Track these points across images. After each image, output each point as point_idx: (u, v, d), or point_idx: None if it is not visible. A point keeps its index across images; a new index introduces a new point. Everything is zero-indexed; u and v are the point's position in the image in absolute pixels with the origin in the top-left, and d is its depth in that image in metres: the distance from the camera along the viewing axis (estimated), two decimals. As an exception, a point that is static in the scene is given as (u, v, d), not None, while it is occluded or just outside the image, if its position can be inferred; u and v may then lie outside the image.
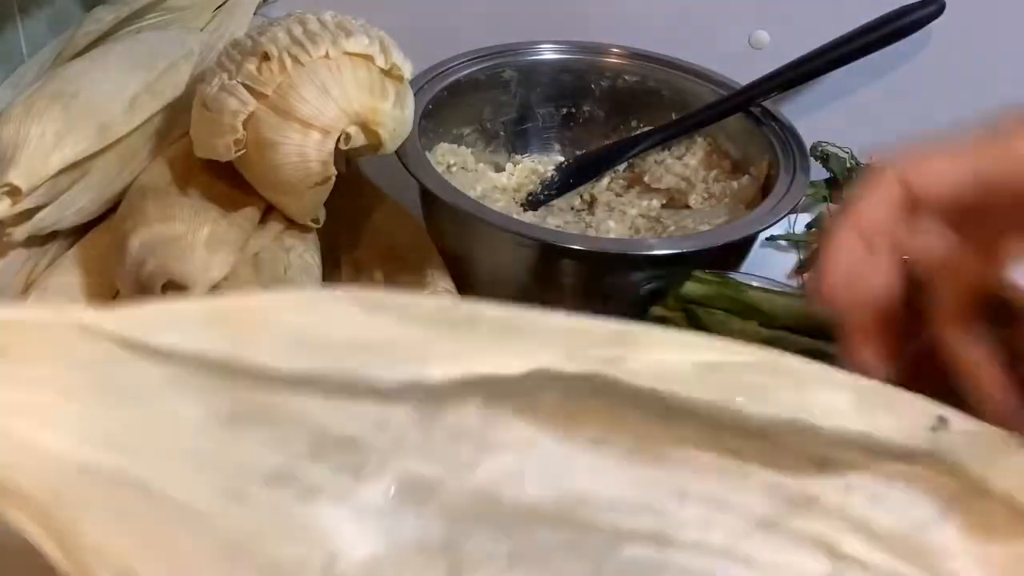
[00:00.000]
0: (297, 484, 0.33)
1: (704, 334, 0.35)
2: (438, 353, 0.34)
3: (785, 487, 0.36)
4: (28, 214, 0.57)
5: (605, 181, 0.75)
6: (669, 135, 0.74)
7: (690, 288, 0.57)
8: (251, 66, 0.55)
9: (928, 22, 0.68)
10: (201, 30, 0.72)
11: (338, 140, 0.55)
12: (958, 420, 0.34)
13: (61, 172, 0.56)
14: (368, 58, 0.57)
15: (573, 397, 0.36)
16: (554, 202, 0.74)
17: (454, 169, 0.73)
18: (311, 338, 0.34)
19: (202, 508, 0.31)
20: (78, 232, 0.62)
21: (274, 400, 0.33)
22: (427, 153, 0.67)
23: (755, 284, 0.59)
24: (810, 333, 0.56)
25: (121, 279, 0.55)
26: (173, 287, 0.53)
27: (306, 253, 0.59)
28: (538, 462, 0.35)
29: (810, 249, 0.73)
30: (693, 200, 0.72)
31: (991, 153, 0.36)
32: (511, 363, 0.34)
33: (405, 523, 0.33)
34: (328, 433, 0.34)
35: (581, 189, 0.75)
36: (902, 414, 0.35)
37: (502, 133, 0.79)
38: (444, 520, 0.34)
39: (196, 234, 0.53)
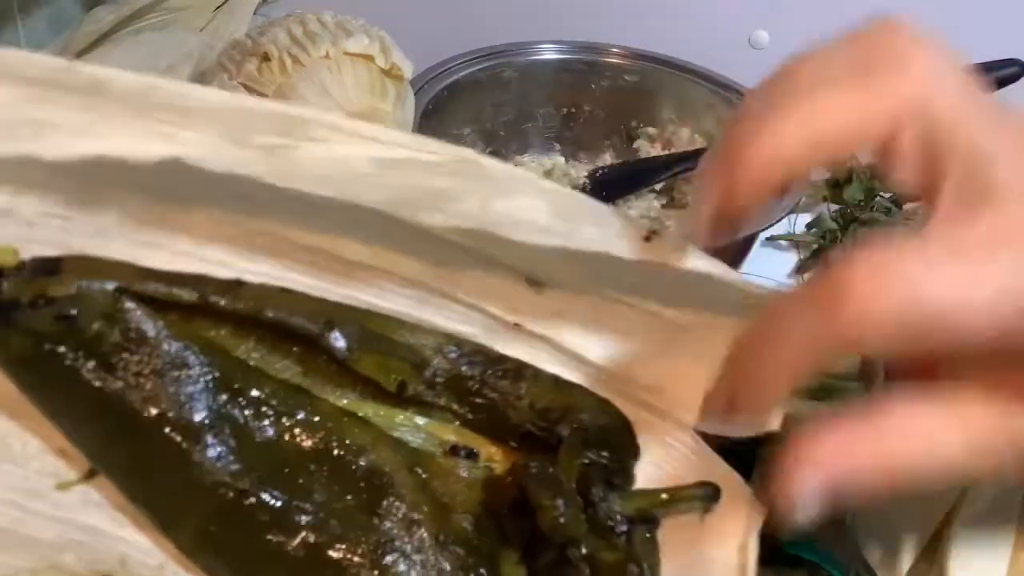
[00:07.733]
0: None
1: (394, 131, 0.29)
2: (57, 127, 0.28)
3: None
4: (28, 214, 0.57)
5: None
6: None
7: (690, 288, 0.56)
8: (251, 66, 0.55)
9: (928, 22, 0.68)
10: (201, 30, 0.72)
11: (338, 140, 0.55)
12: (670, 232, 0.30)
13: (61, 172, 0.56)
14: (368, 58, 0.57)
15: (230, 203, 0.32)
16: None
17: (454, 169, 0.73)
18: None
19: None
20: (78, 232, 0.62)
21: None
22: (427, 153, 0.67)
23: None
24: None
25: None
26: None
27: (306, 253, 0.59)
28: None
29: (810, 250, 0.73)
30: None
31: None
32: (147, 146, 0.28)
33: None
34: None
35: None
36: (607, 224, 0.30)
37: (502, 133, 0.78)
38: None
39: (196, 234, 0.53)
